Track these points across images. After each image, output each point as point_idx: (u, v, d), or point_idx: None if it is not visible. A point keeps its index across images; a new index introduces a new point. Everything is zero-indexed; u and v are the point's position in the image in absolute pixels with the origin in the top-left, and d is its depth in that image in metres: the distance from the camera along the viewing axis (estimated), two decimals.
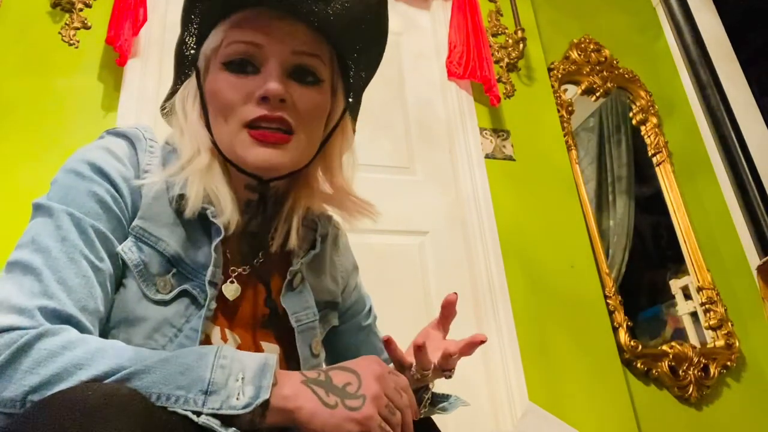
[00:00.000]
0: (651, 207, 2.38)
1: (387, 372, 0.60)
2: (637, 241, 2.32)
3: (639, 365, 1.92)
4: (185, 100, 0.73)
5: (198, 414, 0.51)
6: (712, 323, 2.12)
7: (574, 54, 2.42)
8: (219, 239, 0.67)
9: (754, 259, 2.19)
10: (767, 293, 2.09)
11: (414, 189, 1.94)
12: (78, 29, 1.75)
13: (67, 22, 1.75)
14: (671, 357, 1.98)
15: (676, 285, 2.27)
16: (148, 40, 1.76)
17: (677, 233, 2.27)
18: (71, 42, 1.73)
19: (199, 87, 0.72)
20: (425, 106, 2.11)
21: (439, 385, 0.77)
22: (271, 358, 0.56)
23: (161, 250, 0.66)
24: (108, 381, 0.51)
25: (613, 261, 2.21)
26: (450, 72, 2.12)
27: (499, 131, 2.11)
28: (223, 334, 0.68)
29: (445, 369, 0.71)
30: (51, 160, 1.52)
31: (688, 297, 2.23)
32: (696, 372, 1.99)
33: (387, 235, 1.82)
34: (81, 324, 0.57)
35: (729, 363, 2.05)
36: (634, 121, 2.45)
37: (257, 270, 0.73)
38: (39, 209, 0.63)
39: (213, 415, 0.51)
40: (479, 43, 2.07)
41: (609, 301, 1.97)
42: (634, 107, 2.46)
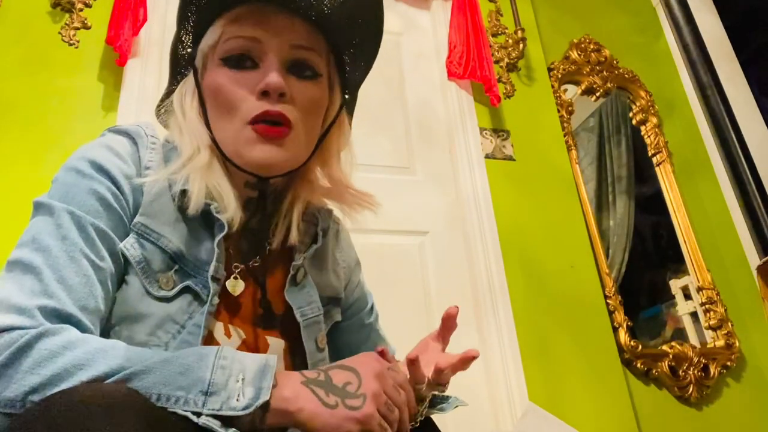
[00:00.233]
0: (651, 207, 2.38)
1: (386, 369, 0.61)
2: (637, 241, 2.32)
3: (639, 365, 1.92)
4: (183, 98, 0.73)
5: (198, 415, 0.51)
6: (712, 323, 2.11)
7: (574, 54, 2.42)
8: (222, 235, 0.67)
9: (754, 259, 2.19)
10: (767, 293, 2.09)
11: (414, 189, 1.94)
12: (78, 29, 1.75)
13: (67, 22, 1.75)
14: (671, 357, 1.98)
15: (676, 285, 2.27)
16: (148, 40, 1.76)
17: (677, 233, 2.27)
18: (71, 42, 1.73)
19: (197, 84, 0.71)
20: (425, 106, 2.11)
21: None
22: (272, 359, 0.56)
23: (163, 246, 0.66)
24: (108, 381, 0.51)
25: (613, 261, 2.21)
26: (450, 72, 2.12)
27: (499, 131, 2.11)
28: (227, 329, 0.68)
29: (439, 383, 0.70)
30: (51, 160, 1.52)
31: (688, 297, 2.23)
32: (696, 372, 1.98)
33: (387, 235, 1.82)
34: (81, 323, 0.57)
35: (729, 363, 2.05)
36: (634, 121, 2.45)
37: (259, 266, 0.73)
38: (39, 208, 0.63)
39: (213, 416, 0.51)
40: (479, 43, 2.07)
41: (609, 301, 1.97)
42: (634, 107, 2.46)
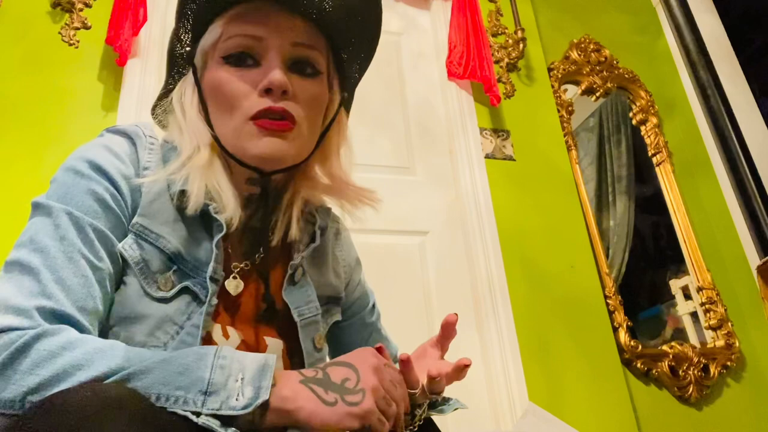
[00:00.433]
0: (651, 207, 2.38)
1: (383, 364, 0.61)
2: (637, 241, 2.32)
3: (639, 365, 1.92)
4: (183, 97, 0.72)
5: (197, 414, 0.51)
6: (712, 323, 2.11)
7: (574, 54, 2.42)
8: (220, 235, 0.67)
9: (754, 259, 2.19)
10: (767, 293, 2.09)
11: (414, 189, 1.94)
12: (78, 29, 1.75)
13: (67, 22, 1.75)
14: (671, 357, 1.98)
15: (676, 285, 2.27)
16: (148, 40, 1.76)
17: (677, 233, 2.27)
18: (71, 42, 1.73)
19: (197, 83, 0.71)
20: (425, 106, 2.11)
21: None
22: (271, 358, 0.56)
23: (162, 247, 0.66)
24: (107, 382, 0.51)
25: (613, 261, 2.21)
26: (450, 72, 2.12)
27: (499, 131, 2.11)
28: (225, 330, 0.68)
29: (433, 392, 0.69)
30: (51, 160, 1.52)
31: (688, 297, 2.23)
32: (696, 372, 1.98)
33: (387, 235, 1.82)
34: (80, 324, 0.57)
35: (729, 363, 2.05)
36: (634, 121, 2.45)
37: (258, 265, 0.73)
38: (38, 208, 0.63)
39: (212, 416, 0.51)
40: (479, 43, 2.07)
41: (609, 301, 1.97)
42: (634, 107, 2.46)
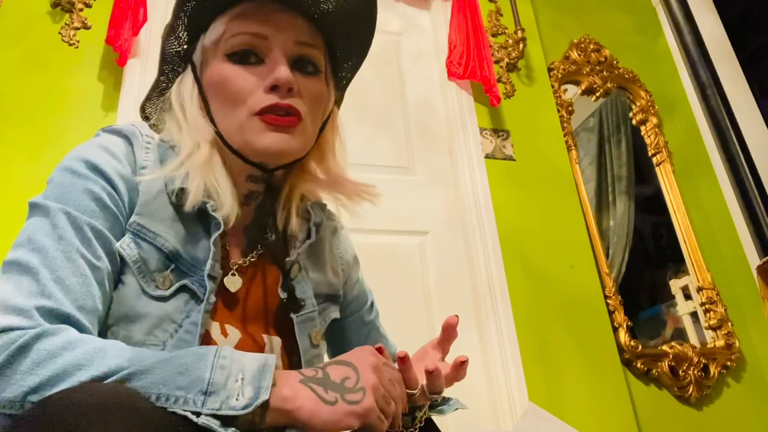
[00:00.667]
0: (651, 207, 2.38)
1: (383, 363, 0.61)
2: (637, 241, 2.32)
3: (639, 365, 1.92)
4: (182, 94, 0.72)
5: (197, 414, 0.51)
6: (712, 323, 2.11)
7: (574, 54, 2.42)
8: (218, 233, 0.67)
9: (754, 259, 2.19)
10: (767, 293, 2.09)
11: (414, 189, 1.94)
12: (78, 29, 1.75)
13: (67, 22, 1.75)
14: (671, 357, 1.98)
15: (676, 285, 2.27)
16: (148, 40, 1.76)
17: (677, 233, 2.27)
18: (71, 42, 1.73)
19: (197, 80, 0.72)
20: (425, 106, 2.11)
21: None
22: (271, 358, 0.56)
23: (159, 246, 0.66)
24: (107, 381, 0.51)
25: (613, 261, 2.21)
26: (450, 72, 2.12)
27: (499, 131, 2.11)
28: (223, 328, 0.68)
29: (432, 392, 0.69)
30: (51, 160, 1.51)
31: (688, 297, 2.23)
32: (696, 372, 1.98)
33: (387, 235, 1.82)
34: (79, 323, 0.57)
35: (729, 363, 2.05)
36: (634, 121, 2.45)
37: (256, 262, 0.73)
38: (35, 208, 0.63)
39: (212, 416, 0.51)
40: (479, 43, 2.07)
41: (609, 301, 1.97)
42: (634, 107, 2.46)
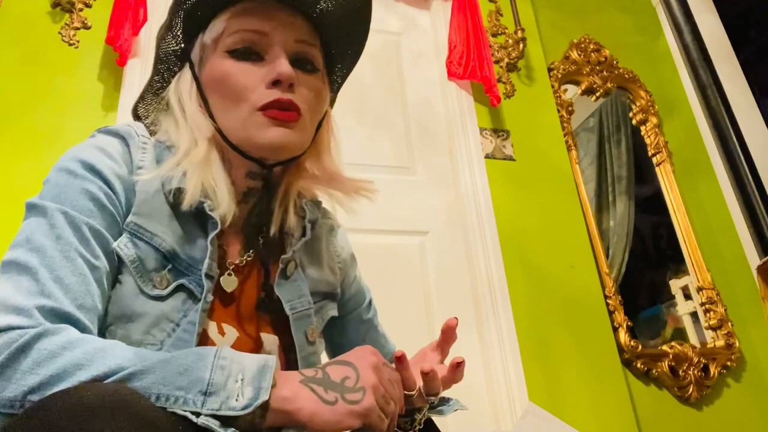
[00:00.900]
0: (651, 207, 2.38)
1: (382, 363, 0.61)
2: (637, 241, 2.32)
3: (639, 365, 1.92)
4: (180, 92, 0.73)
5: (197, 415, 0.51)
6: (712, 323, 2.11)
7: (574, 54, 2.42)
8: (215, 232, 0.67)
9: (754, 259, 2.19)
10: (767, 293, 2.09)
11: (414, 189, 1.94)
12: (78, 29, 1.75)
13: (67, 22, 1.75)
14: (671, 357, 1.98)
15: (676, 285, 2.27)
16: (148, 40, 1.76)
17: (677, 233, 2.27)
18: (71, 42, 1.73)
19: (195, 78, 0.72)
20: (425, 106, 2.11)
21: None
22: (271, 359, 0.56)
23: (157, 245, 0.66)
24: (107, 381, 0.51)
25: (613, 261, 2.21)
26: (450, 72, 2.12)
27: (499, 131, 2.11)
28: (220, 327, 0.68)
29: (428, 393, 0.68)
30: (51, 160, 1.50)
31: (688, 297, 2.23)
32: (696, 372, 1.98)
33: (387, 235, 1.82)
34: (80, 322, 0.57)
35: (729, 363, 2.05)
36: (634, 121, 2.45)
37: (253, 261, 0.73)
38: (32, 209, 0.63)
39: (212, 416, 0.51)
40: (479, 43, 2.07)
41: (609, 301, 1.97)
42: (634, 107, 2.46)
